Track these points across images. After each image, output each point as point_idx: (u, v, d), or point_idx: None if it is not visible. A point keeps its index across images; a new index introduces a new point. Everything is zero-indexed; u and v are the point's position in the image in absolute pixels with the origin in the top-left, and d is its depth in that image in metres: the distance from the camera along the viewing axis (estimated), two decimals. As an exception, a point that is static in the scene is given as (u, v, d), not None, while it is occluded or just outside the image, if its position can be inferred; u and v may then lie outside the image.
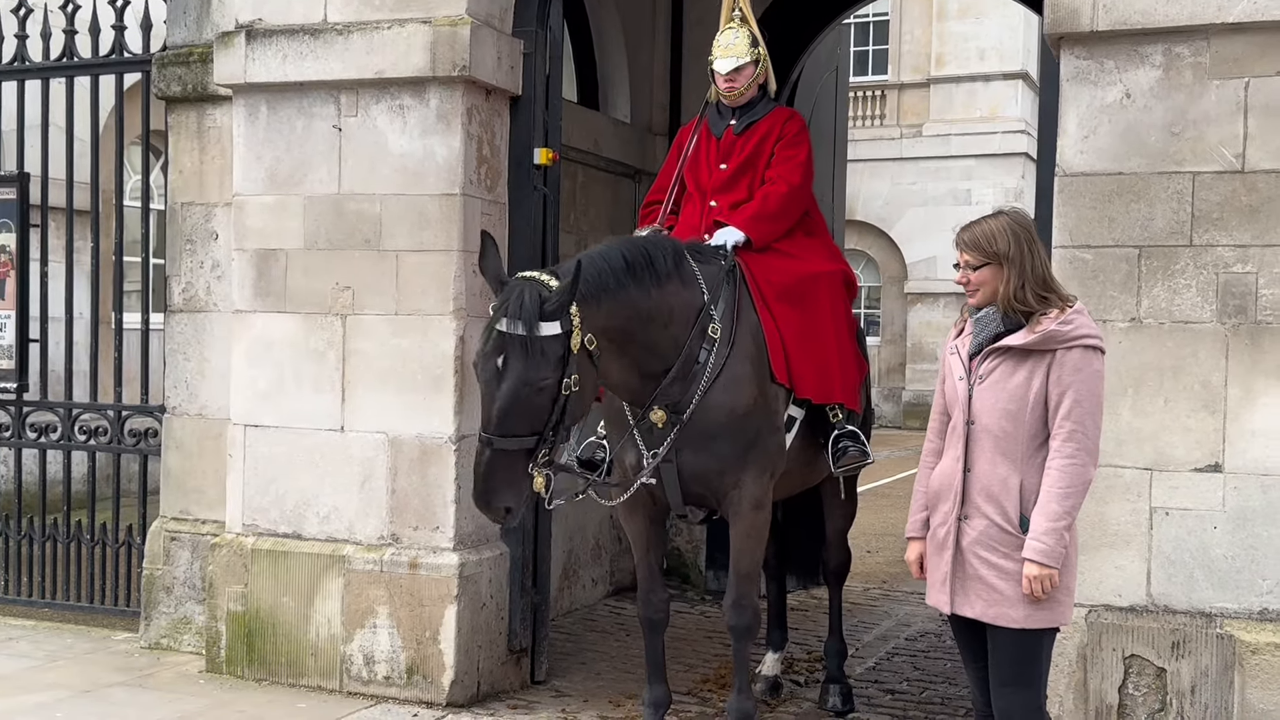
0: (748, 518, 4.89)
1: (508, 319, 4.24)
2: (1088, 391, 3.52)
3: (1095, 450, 3.55)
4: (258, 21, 5.86)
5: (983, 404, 3.61)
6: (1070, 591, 3.63)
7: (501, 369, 4.23)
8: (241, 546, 5.93)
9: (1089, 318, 3.61)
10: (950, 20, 23.85)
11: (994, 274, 3.61)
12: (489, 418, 4.26)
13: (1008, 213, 3.69)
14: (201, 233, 6.44)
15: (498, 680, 5.80)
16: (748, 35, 5.42)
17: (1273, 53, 4.48)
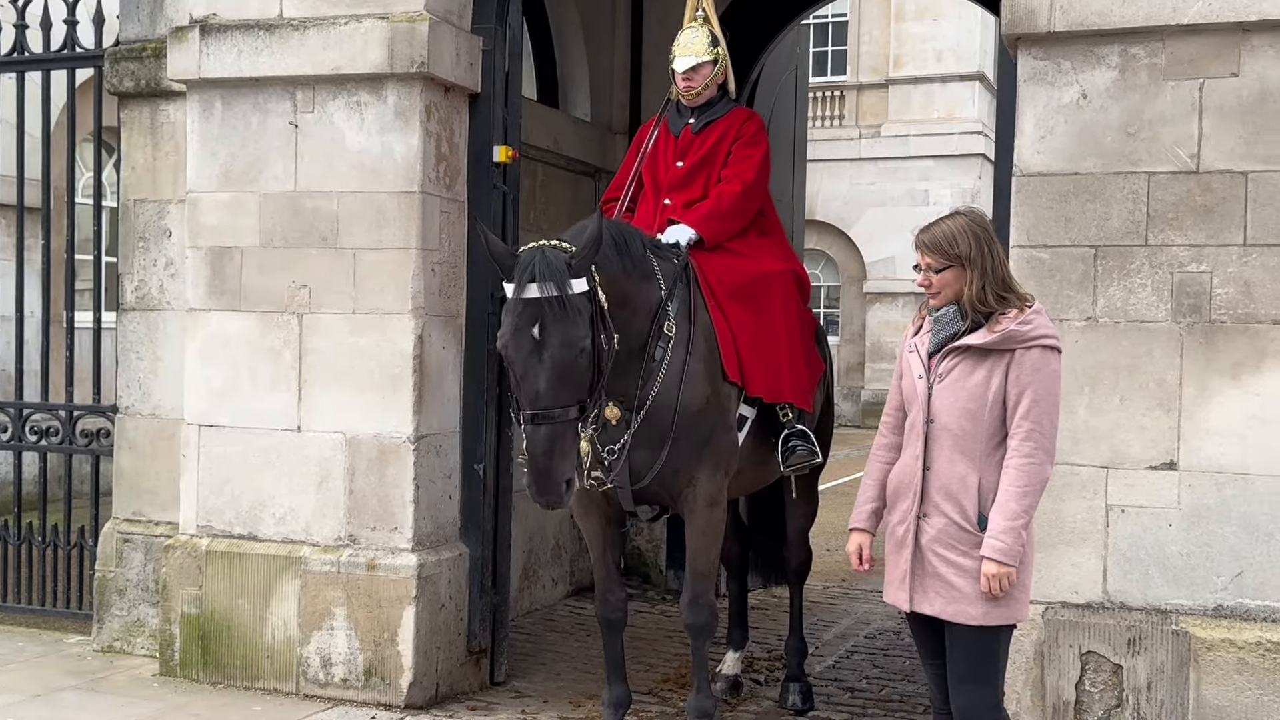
0: (703, 515, 4.89)
1: (537, 282, 4.15)
2: (1045, 391, 3.54)
3: (1052, 449, 3.58)
4: (212, 16, 5.79)
5: (942, 402, 3.62)
6: (1026, 589, 3.66)
7: (540, 338, 4.11)
8: (196, 548, 5.86)
9: (1047, 318, 3.63)
10: (908, 21, 23.99)
11: (956, 276, 3.62)
12: (535, 392, 4.13)
13: (965, 213, 3.70)
14: (155, 230, 6.36)
15: (457, 681, 5.76)
16: (707, 34, 5.42)
17: (1227, 54, 4.52)
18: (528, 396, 4.16)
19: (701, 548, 4.94)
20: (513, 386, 4.31)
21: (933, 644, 3.74)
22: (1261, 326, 4.50)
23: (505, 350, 4.23)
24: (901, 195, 23.63)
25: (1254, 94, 4.50)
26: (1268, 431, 4.49)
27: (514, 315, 4.17)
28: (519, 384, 4.22)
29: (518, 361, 4.18)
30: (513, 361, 4.20)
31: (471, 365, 5.83)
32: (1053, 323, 3.67)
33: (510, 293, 4.22)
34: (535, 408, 4.13)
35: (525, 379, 4.17)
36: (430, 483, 5.65)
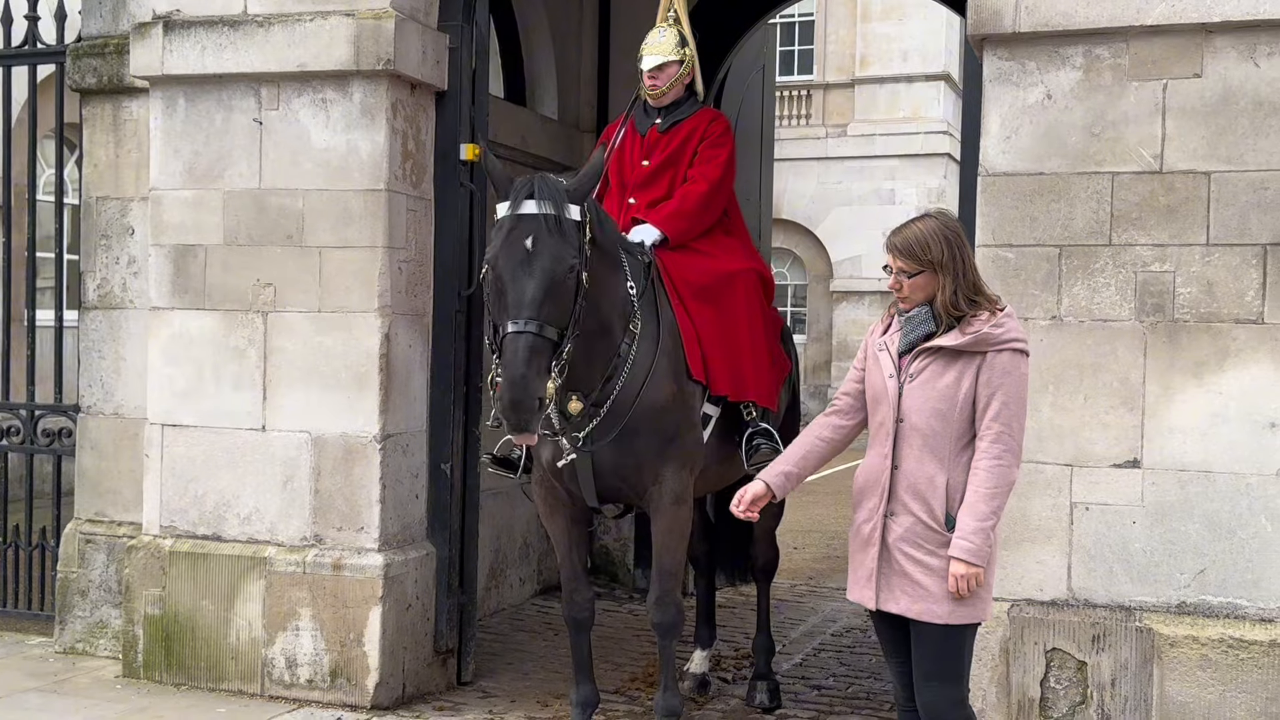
0: (669, 513, 4.89)
1: (535, 200, 4.17)
2: (1015, 394, 3.57)
3: (1020, 451, 3.61)
4: (175, 13, 5.74)
5: (912, 402, 3.62)
6: (990, 588, 3.67)
7: (532, 249, 4.11)
8: (159, 549, 5.81)
9: (1016, 321, 3.66)
10: (874, 21, 24.08)
11: (928, 281, 3.61)
12: (520, 301, 4.10)
13: (936, 215, 3.69)
14: (117, 228, 6.30)
15: (423, 682, 5.74)
16: (675, 34, 5.42)
17: (1190, 55, 4.56)
18: (513, 305, 4.12)
19: (668, 546, 4.94)
20: (492, 303, 4.23)
21: (898, 642, 3.76)
22: (1224, 325, 4.55)
23: (494, 261, 4.19)
24: (868, 194, 23.74)
25: (1216, 95, 4.55)
26: (1230, 429, 4.54)
27: (507, 229, 4.17)
28: (501, 296, 4.16)
29: (506, 270, 4.14)
30: (501, 271, 4.16)
31: (438, 364, 5.80)
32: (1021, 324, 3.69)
33: (505, 210, 4.22)
34: (519, 317, 4.08)
35: (512, 287, 4.13)
36: (397, 482, 5.62)
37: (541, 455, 4.90)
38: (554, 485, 4.96)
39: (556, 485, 4.94)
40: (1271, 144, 4.50)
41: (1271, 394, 4.50)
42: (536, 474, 5.02)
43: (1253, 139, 4.52)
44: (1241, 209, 4.52)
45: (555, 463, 4.81)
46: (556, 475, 4.88)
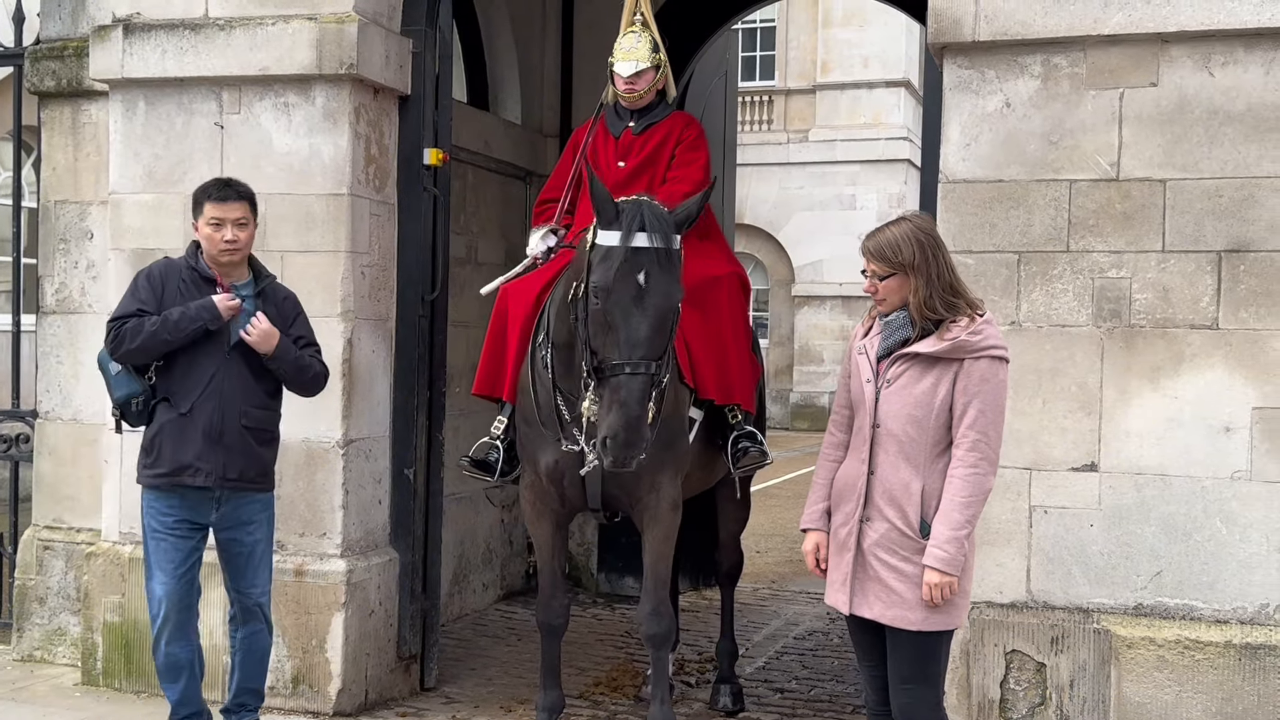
0: (666, 521, 4.87)
1: (647, 232, 4.12)
2: (992, 402, 3.56)
3: (996, 459, 3.60)
4: (136, 15, 5.70)
5: (889, 408, 3.62)
6: (966, 594, 3.68)
7: (645, 285, 4.07)
8: (118, 555, 5.76)
9: (996, 327, 3.64)
10: (835, 28, 24.24)
11: (900, 284, 3.61)
12: (635, 341, 4.05)
13: (911, 219, 3.69)
14: (76, 232, 6.25)
15: (386, 688, 5.72)
16: (650, 40, 5.43)
17: (1146, 64, 4.63)
18: (626, 344, 4.07)
19: (663, 555, 4.91)
20: (595, 336, 4.16)
21: (871, 647, 3.75)
22: (1179, 331, 4.62)
23: (605, 293, 4.13)
24: (829, 199, 23.88)
25: (1172, 103, 4.62)
26: (1185, 434, 4.61)
27: (620, 261, 4.11)
28: (611, 330, 4.10)
29: (619, 308, 4.10)
30: (613, 306, 4.11)
31: (402, 369, 5.79)
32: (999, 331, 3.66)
33: (614, 239, 4.17)
34: (633, 357, 4.05)
35: (625, 325, 4.08)
36: (360, 488, 5.60)
37: (539, 460, 4.87)
38: (545, 490, 4.93)
39: (550, 490, 4.91)
40: (1226, 152, 4.58)
41: (1226, 399, 4.57)
42: (528, 479, 4.99)
43: (1207, 147, 4.59)
44: (1196, 216, 4.60)
45: (558, 465, 4.77)
46: (554, 480, 4.85)
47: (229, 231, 4.52)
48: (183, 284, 4.61)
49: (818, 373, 24.47)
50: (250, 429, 4.58)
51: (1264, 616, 4.55)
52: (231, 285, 4.60)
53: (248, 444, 4.57)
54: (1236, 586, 4.58)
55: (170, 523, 4.62)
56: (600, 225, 4.30)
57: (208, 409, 4.52)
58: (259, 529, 4.71)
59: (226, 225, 4.53)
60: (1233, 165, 4.57)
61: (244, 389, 4.56)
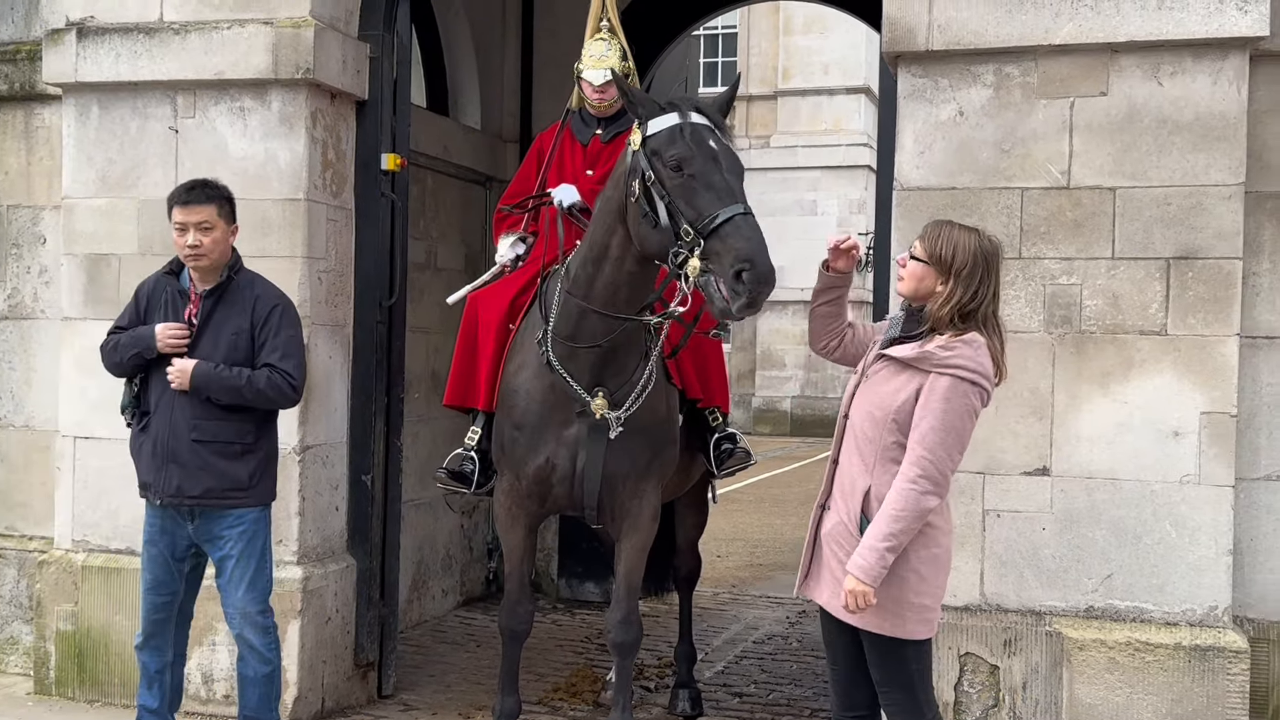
0: (645, 530, 4.86)
1: (701, 113, 4.26)
2: (945, 422, 3.46)
3: (942, 481, 3.49)
4: (90, 19, 5.65)
5: (858, 402, 3.64)
6: (921, 608, 3.59)
7: (718, 148, 4.18)
8: (71, 564, 5.71)
9: (977, 350, 3.49)
10: (796, 35, 24.38)
11: (924, 275, 3.56)
12: (732, 189, 4.08)
13: (981, 234, 3.62)
14: (28, 236, 6.20)
15: (343, 695, 5.69)
16: (619, 48, 5.42)
17: (1096, 74, 4.69)
18: (726, 194, 4.07)
19: (638, 564, 4.89)
20: (686, 207, 4.10)
21: (837, 644, 3.75)
22: (1129, 337, 4.68)
23: (688, 158, 4.15)
24: (790, 205, 23.98)
25: (1122, 113, 4.68)
26: (1135, 438, 4.67)
27: (690, 132, 4.19)
28: (706, 191, 4.09)
29: (706, 167, 4.13)
30: (700, 169, 4.13)
31: (359, 375, 5.77)
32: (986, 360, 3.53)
33: (674, 119, 4.24)
34: (736, 200, 4.05)
35: (721, 179, 4.12)
36: (316, 494, 5.58)
37: (528, 463, 4.82)
38: (525, 495, 4.89)
39: (533, 493, 4.87)
40: (1174, 161, 4.64)
41: (1175, 403, 4.64)
42: (506, 484, 4.95)
43: (1156, 156, 4.66)
44: (1146, 224, 4.66)
45: (549, 464, 4.76)
46: (542, 481, 4.82)
47: (191, 236, 4.42)
48: (166, 296, 4.56)
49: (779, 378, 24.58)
50: (205, 442, 4.43)
51: (1213, 619, 4.62)
52: (202, 295, 4.52)
53: (205, 459, 4.43)
54: (1186, 589, 4.64)
55: (152, 533, 4.60)
56: (648, 117, 4.32)
57: (158, 425, 4.46)
58: (229, 545, 4.53)
59: (189, 230, 4.42)
60: (1181, 174, 4.64)
61: (194, 403, 4.42)
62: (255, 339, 4.50)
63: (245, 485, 4.51)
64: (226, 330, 4.47)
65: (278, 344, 4.52)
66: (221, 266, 4.52)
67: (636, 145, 4.31)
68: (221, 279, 4.52)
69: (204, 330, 4.47)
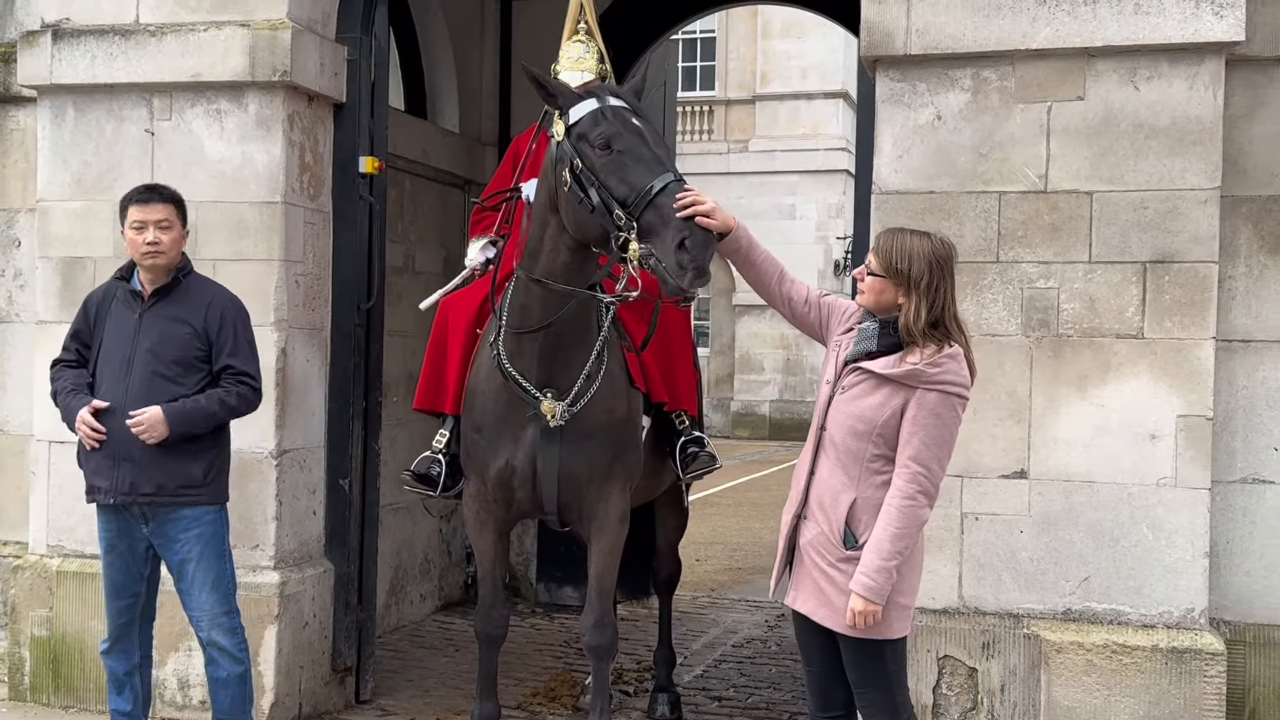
0: (614, 532, 4.83)
1: (617, 98, 4.29)
2: (937, 436, 3.51)
3: (935, 493, 3.56)
4: (65, 21, 5.62)
5: (835, 416, 3.62)
6: (905, 607, 3.65)
7: (641, 126, 4.19)
8: (46, 569, 5.66)
9: (962, 363, 3.54)
10: (774, 39, 24.43)
11: (883, 289, 3.57)
12: (660, 160, 4.09)
13: (935, 237, 3.62)
14: (3, 240, 6.17)
15: (320, 701, 5.67)
16: (596, 50, 5.42)
17: (1073, 78, 4.72)
18: (654, 162, 4.08)
19: (609, 566, 4.87)
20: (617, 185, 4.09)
21: (812, 647, 3.76)
22: (1105, 340, 4.70)
23: (615, 135, 4.16)
24: (769, 209, 24.02)
25: (1098, 117, 4.71)
26: (1111, 441, 4.69)
27: (610, 114, 4.22)
28: (636, 165, 4.09)
29: (631, 143, 4.14)
30: (626, 142, 4.14)
31: (337, 378, 5.74)
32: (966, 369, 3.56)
33: (592, 104, 4.27)
34: (665, 170, 4.04)
35: (647, 153, 4.12)
36: (294, 499, 5.55)
37: (489, 466, 4.81)
38: (491, 499, 4.87)
39: (497, 497, 4.85)
40: (1151, 165, 4.67)
41: (1151, 406, 4.66)
42: (472, 488, 4.94)
43: (1133, 160, 4.68)
44: (1122, 228, 4.68)
45: (509, 466, 4.74)
46: (504, 484, 4.81)
47: (150, 233, 4.45)
48: (116, 303, 4.56)
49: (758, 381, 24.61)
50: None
51: (1190, 621, 4.64)
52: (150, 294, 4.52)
53: (157, 457, 4.39)
54: (1163, 591, 4.66)
55: (110, 538, 4.58)
56: (566, 106, 4.35)
57: (110, 426, 4.41)
58: (186, 547, 4.51)
59: (149, 227, 4.46)
60: (1158, 178, 4.66)
61: (147, 397, 4.39)
62: (210, 340, 4.52)
63: (199, 483, 4.49)
64: (176, 329, 4.49)
65: (238, 348, 4.56)
66: (173, 267, 4.55)
67: (560, 135, 4.34)
68: (169, 280, 4.54)
69: (152, 328, 4.48)
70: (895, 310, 3.57)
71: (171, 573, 4.60)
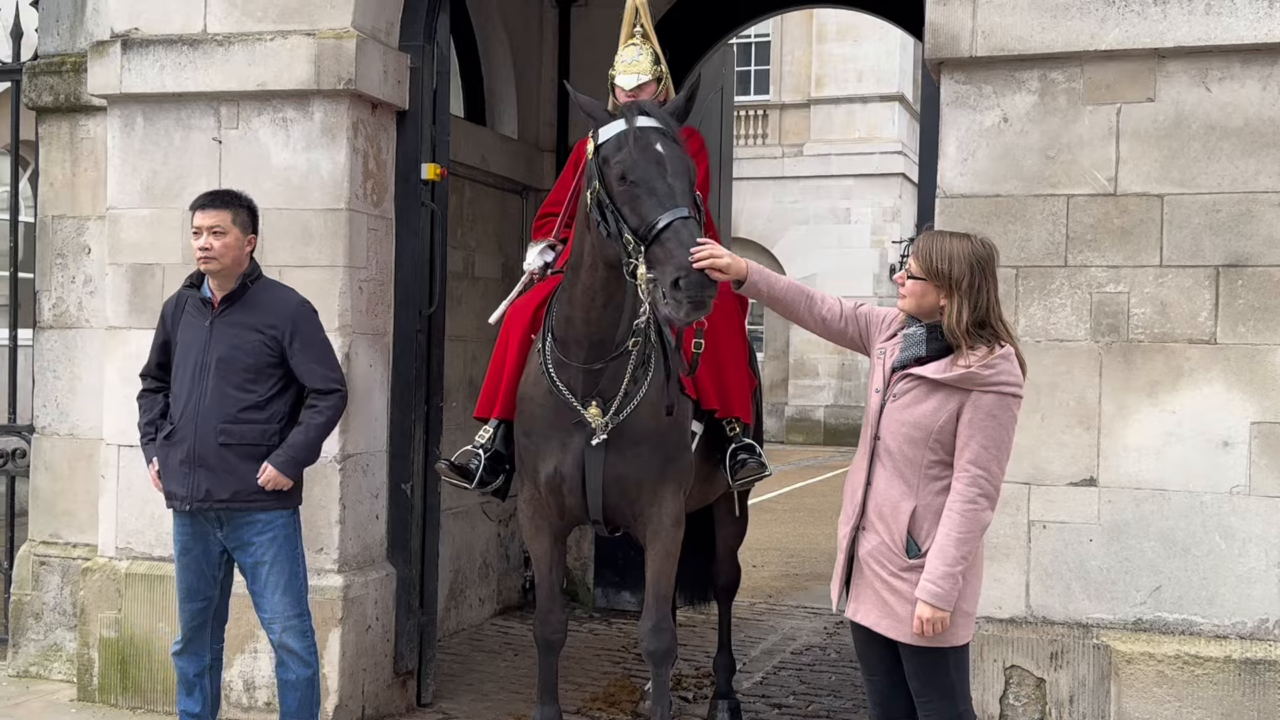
0: (669, 535, 4.83)
1: (650, 116, 4.29)
2: (995, 438, 3.49)
3: (996, 495, 3.54)
4: (134, 31, 5.70)
5: (889, 424, 3.59)
6: (967, 614, 3.63)
7: (664, 152, 4.20)
8: (115, 571, 5.74)
9: (1014, 363, 3.53)
10: (829, 42, 24.31)
11: (925, 292, 3.55)
12: (672, 192, 4.10)
13: (975, 238, 3.61)
14: (73, 247, 6.24)
15: (383, 704, 5.70)
16: (651, 53, 5.42)
17: (1143, 80, 4.65)
18: (665, 197, 4.09)
19: (665, 570, 4.86)
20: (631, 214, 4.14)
21: (872, 656, 3.74)
22: (1177, 346, 4.63)
23: (631, 165, 4.18)
24: (824, 213, 23.92)
25: (1169, 119, 4.64)
26: (1183, 448, 4.61)
27: (633, 139, 4.23)
28: (648, 197, 4.11)
29: (647, 173, 4.16)
30: (640, 175, 4.16)
31: (399, 384, 5.78)
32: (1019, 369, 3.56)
33: (620, 126, 4.29)
34: (675, 205, 4.06)
35: (660, 184, 4.13)
36: (357, 503, 5.59)
37: (539, 471, 4.83)
38: (544, 503, 4.90)
39: (549, 502, 4.87)
40: (1223, 167, 4.59)
41: (1224, 413, 4.58)
42: (526, 492, 4.96)
43: (1205, 162, 4.61)
44: (1194, 231, 4.61)
45: (558, 473, 4.76)
46: (554, 490, 4.82)
47: (204, 238, 4.50)
48: (188, 311, 4.64)
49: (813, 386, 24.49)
50: (231, 446, 4.48)
51: (1263, 631, 4.55)
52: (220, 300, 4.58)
53: (232, 462, 4.48)
54: (1236, 601, 4.58)
55: (185, 541, 4.65)
56: (598, 126, 4.39)
57: (185, 432, 4.52)
58: (260, 550, 4.57)
59: (203, 233, 4.51)
60: (1230, 180, 4.58)
61: (220, 405, 4.48)
62: (281, 345, 4.57)
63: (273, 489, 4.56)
64: (246, 336, 4.54)
65: (313, 349, 4.64)
66: (237, 274, 4.59)
67: (590, 153, 4.39)
68: (237, 286, 4.59)
69: (223, 336, 4.54)
70: (937, 313, 3.56)
71: (245, 576, 4.65)
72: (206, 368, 4.51)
